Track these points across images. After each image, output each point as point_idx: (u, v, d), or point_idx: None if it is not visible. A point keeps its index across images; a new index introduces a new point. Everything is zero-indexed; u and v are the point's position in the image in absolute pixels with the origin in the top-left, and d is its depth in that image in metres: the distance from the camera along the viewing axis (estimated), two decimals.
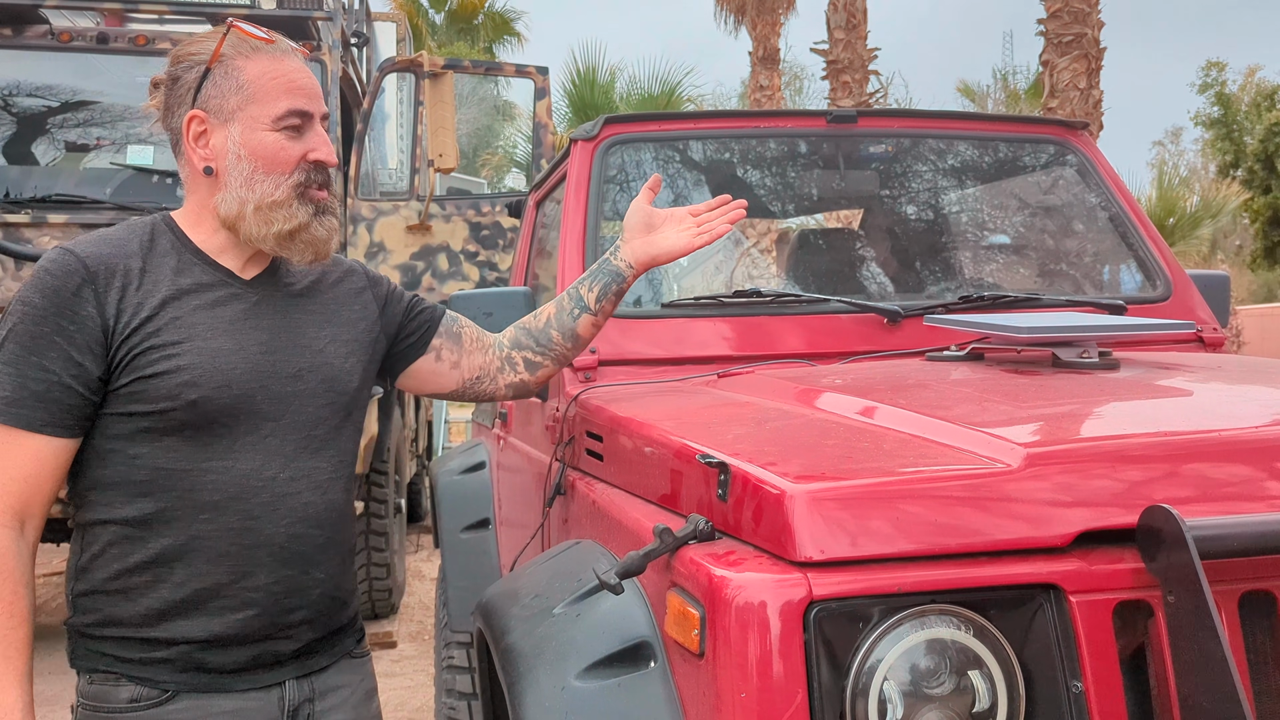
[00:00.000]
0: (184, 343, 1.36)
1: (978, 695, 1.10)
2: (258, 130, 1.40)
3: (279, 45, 1.44)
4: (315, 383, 1.46)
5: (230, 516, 1.38)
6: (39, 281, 1.35)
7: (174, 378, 1.34)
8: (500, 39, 24.04)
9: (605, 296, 1.74)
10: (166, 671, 1.37)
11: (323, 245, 1.44)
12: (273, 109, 1.40)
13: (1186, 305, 2.37)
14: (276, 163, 1.40)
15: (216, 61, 1.40)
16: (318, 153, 1.43)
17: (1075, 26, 7.58)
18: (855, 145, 2.64)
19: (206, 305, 1.40)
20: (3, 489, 1.31)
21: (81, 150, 4.89)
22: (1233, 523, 1.10)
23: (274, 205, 1.40)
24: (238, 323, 1.42)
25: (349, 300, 1.57)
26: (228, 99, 1.40)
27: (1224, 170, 23.53)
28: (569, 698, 1.28)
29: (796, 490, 1.15)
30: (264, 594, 1.40)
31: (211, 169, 1.41)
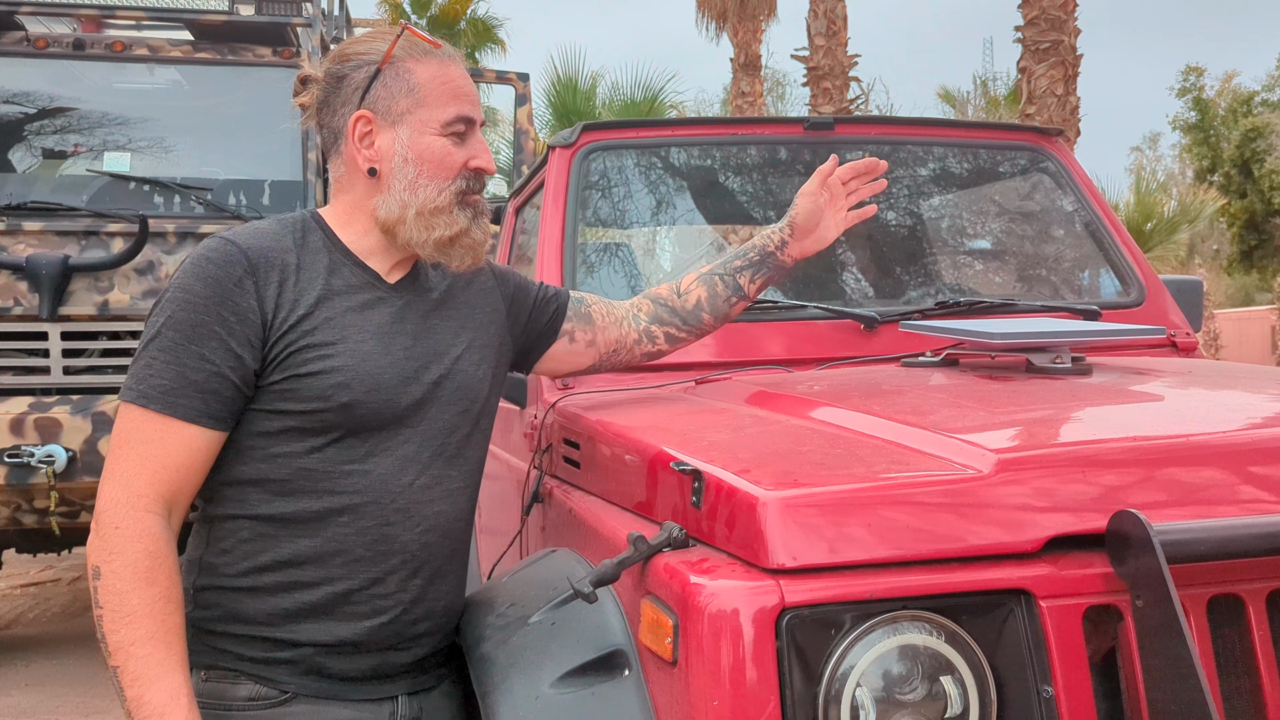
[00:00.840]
0: (338, 344, 1.37)
1: (949, 701, 1.11)
2: (426, 134, 1.40)
3: (445, 50, 1.45)
4: (451, 390, 1.46)
5: (367, 520, 1.38)
6: (200, 270, 1.33)
7: (327, 378, 1.34)
8: (483, 45, 24.01)
9: (766, 287, 1.85)
10: (287, 673, 1.36)
11: (480, 250, 1.46)
12: (443, 114, 1.40)
13: (1160, 310, 2.39)
14: (442, 168, 1.41)
15: (388, 63, 1.40)
16: (479, 160, 1.44)
17: (1052, 33, 7.64)
18: (832, 152, 2.65)
19: (357, 307, 1.41)
20: (156, 476, 1.30)
21: (58, 157, 4.85)
22: (1200, 527, 1.11)
23: (436, 211, 1.41)
24: (385, 327, 1.42)
25: (480, 303, 1.58)
26: (398, 101, 1.40)
27: (1201, 175, 23.75)
28: (543, 707, 1.28)
29: (769, 497, 1.16)
30: (394, 602, 1.40)
31: (376, 170, 1.41)
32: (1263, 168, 21.50)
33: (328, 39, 5.25)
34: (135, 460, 1.30)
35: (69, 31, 5.05)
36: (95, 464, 4.18)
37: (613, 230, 2.92)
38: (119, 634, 1.25)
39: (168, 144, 4.77)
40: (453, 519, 1.47)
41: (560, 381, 2.09)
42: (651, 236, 4.74)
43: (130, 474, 1.30)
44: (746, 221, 3.32)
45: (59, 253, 4.31)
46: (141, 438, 1.31)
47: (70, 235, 4.37)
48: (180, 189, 4.59)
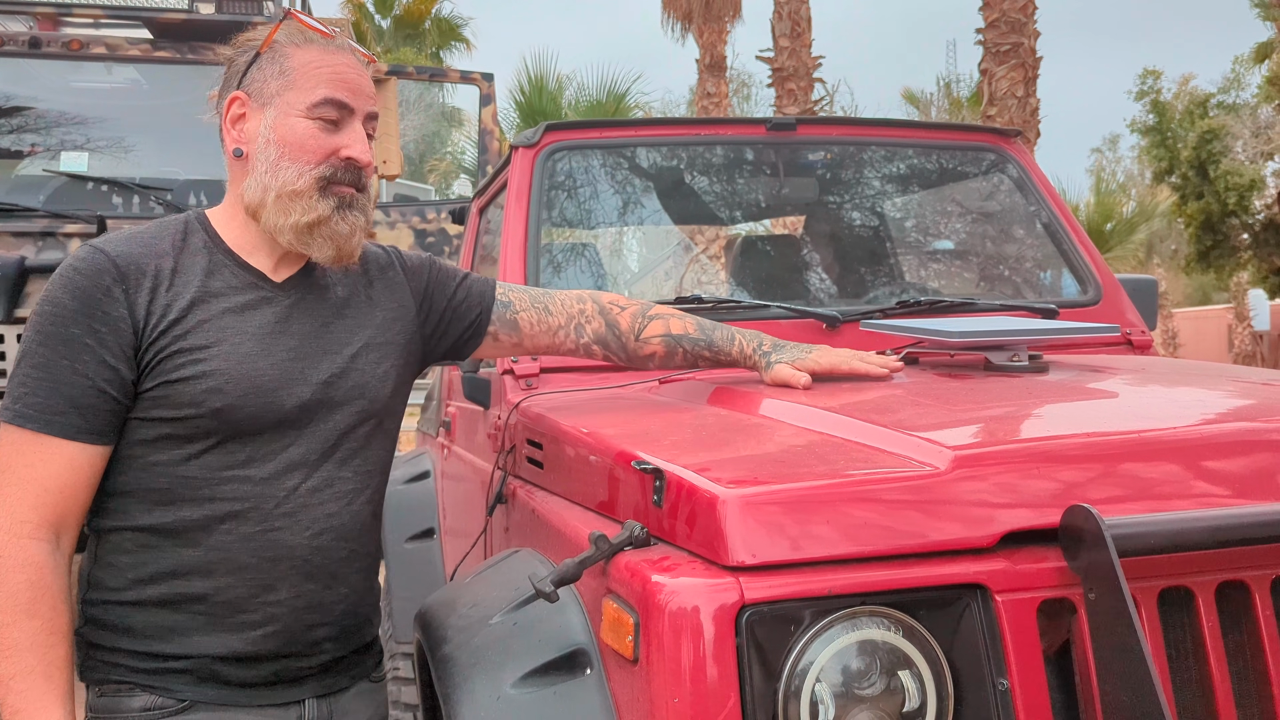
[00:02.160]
0: (211, 347, 1.32)
1: (908, 695, 1.12)
2: (290, 116, 1.36)
3: (335, 40, 1.41)
4: (345, 391, 1.41)
5: (250, 526, 1.33)
6: (67, 281, 1.30)
7: (200, 383, 1.30)
8: (447, 45, 23.94)
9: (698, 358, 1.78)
10: (183, 682, 1.32)
11: (345, 241, 1.39)
12: (309, 96, 1.36)
13: (1116, 309, 2.43)
14: (303, 151, 1.36)
15: (268, 47, 1.38)
16: (350, 150, 1.38)
17: (1012, 36, 7.73)
18: (795, 152, 2.67)
19: (236, 309, 1.36)
20: (39, 500, 1.27)
21: (14, 157, 4.77)
22: (1150, 521, 1.13)
23: (295, 195, 1.36)
24: (267, 328, 1.37)
25: (384, 300, 1.52)
26: (269, 83, 1.37)
27: (1159, 176, 24.13)
28: (505, 707, 1.28)
29: (728, 495, 1.17)
30: (285, 609, 1.35)
31: (241, 151, 1.38)
32: (1219, 169, 21.88)
33: None
34: (16, 484, 1.26)
35: (25, 29, 4.98)
36: None
37: (577, 230, 2.92)
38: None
39: (126, 144, 4.71)
40: (348, 521, 1.41)
41: (524, 382, 2.09)
42: (616, 236, 4.74)
43: (12, 499, 1.26)
44: (711, 221, 3.34)
45: (15, 254, 4.24)
46: (22, 460, 1.27)
47: (27, 236, 4.30)
48: (139, 189, 4.53)
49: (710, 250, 8.10)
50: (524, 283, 2.24)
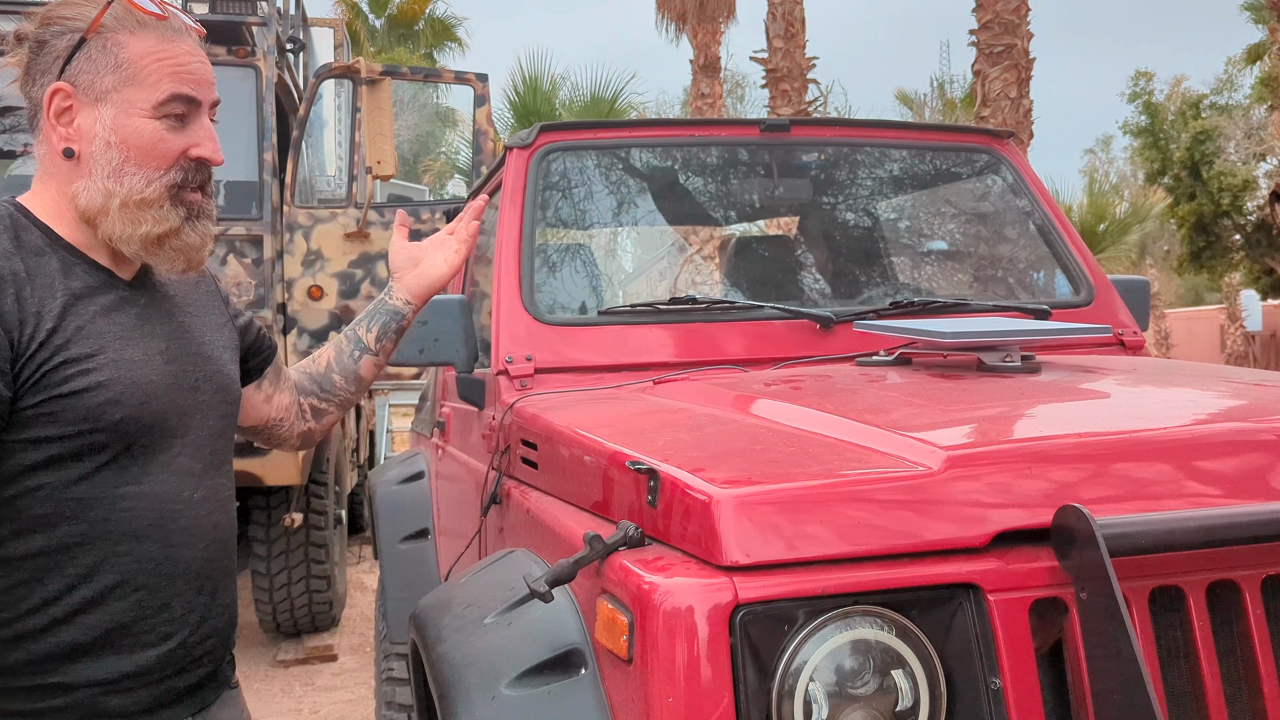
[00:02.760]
0: (98, 355, 1.21)
1: (900, 694, 1.12)
2: (134, 116, 1.23)
3: (171, 24, 1.26)
4: (211, 393, 1.34)
5: (150, 546, 1.24)
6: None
7: (94, 395, 1.19)
8: (441, 45, 23.92)
9: (385, 335, 1.62)
10: (61, 718, 1.21)
11: (195, 254, 1.29)
12: (154, 93, 1.23)
13: (1108, 309, 2.44)
14: (152, 155, 1.24)
15: (95, 32, 1.23)
16: (201, 149, 1.26)
17: (1005, 37, 7.75)
18: (789, 153, 2.68)
19: (104, 311, 1.25)
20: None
21: (8, 157, 4.77)
22: (1141, 521, 1.14)
23: (143, 204, 1.23)
24: (136, 330, 1.27)
25: (212, 301, 1.45)
26: (102, 76, 1.23)
27: (1151, 177, 24.19)
28: (500, 707, 1.28)
29: (722, 495, 1.17)
30: (180, 624, 1.28)
31: (72, 151, 1.24)
32: (1211, 170, 21.94)
33: (283, 37, 5.20)
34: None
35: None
36: None
37: (572, 231, 2.92)
38: None
39: None
40: (228, 529, 1.36)
41: (519, 383, 2.09)
42: (610, 237, 4.74)
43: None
44: (705, 222, 3.34)
45: None
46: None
47: None
48: None
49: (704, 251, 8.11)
50: (518, 281, 2.25)
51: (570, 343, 2.16)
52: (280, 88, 5.18)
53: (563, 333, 2.17)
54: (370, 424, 8.35)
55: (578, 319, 2.27)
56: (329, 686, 4.72)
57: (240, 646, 5.32)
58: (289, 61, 5.78)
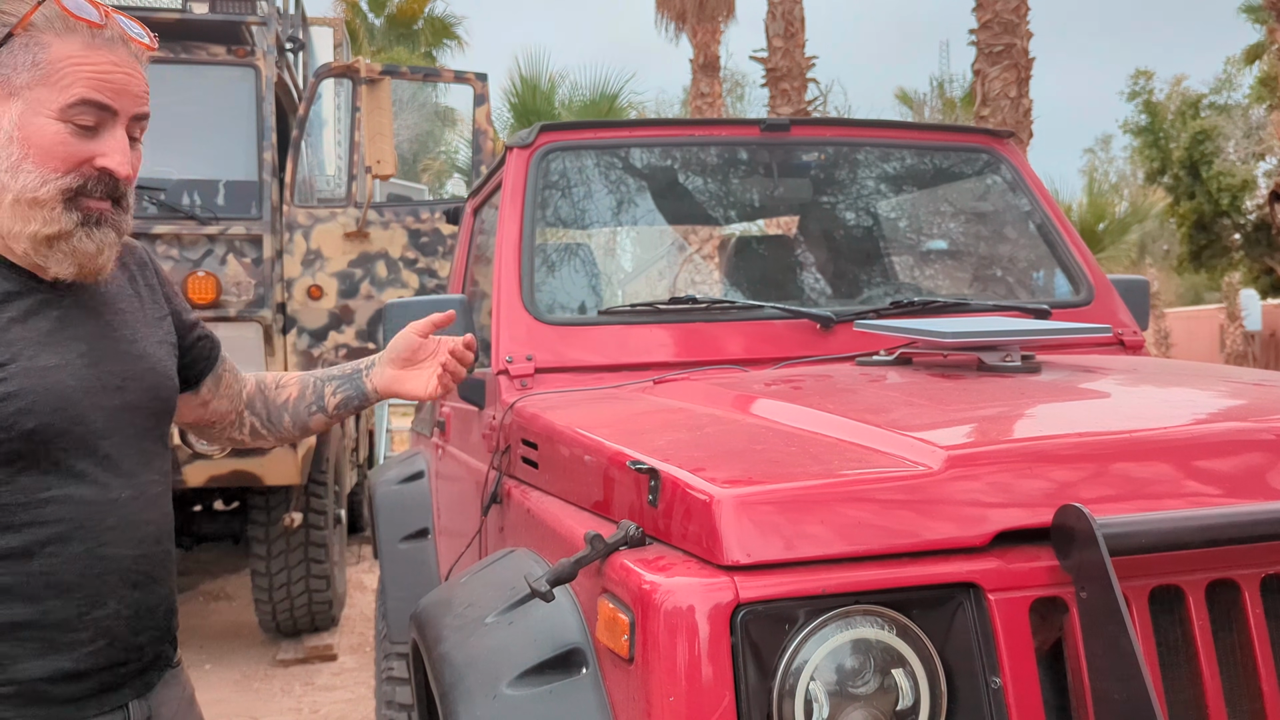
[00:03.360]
0: (9, 364, 1.20)
1: (901, 693, 1.13)
2: (40, 115, 1.21)
3: (105, 32, 1.24)
4: (139, 392, 1.33)
5: (78, 547, 1.24)
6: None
7: (5, 406, 1.18)
8: (440, 44, 23.91)
9: (345, 408, 1.64)
10: (9, 707, 1.22)
11: (90, 260, 1.26)
12: (64, 96, 1.21)
13: (1108, 309, 2.44)
14: (50, 156, 1.22)
15: (23, 30, 1.21)
16: (107, 159, 1.24)
17: (1005, 37, 7.75)
18: (789, 153, 2.68)
19: (20, 317, 1.24)
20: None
21: None
22: (1141, 520, 1.14)
23: (34, 203, 1.22)
24: (55, 334, 1.26)
25: (148, 298, 1.43)
26: (19, 73, 1.21)
27: (1151, 177, 24.18)
28: (501, 706, 1.28)
29: (723, 495, 1.17)
30: (114, 621, 1.28)
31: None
32: (1211, 169, 21.95)
33: (283, 37, 5.20)
34: None
35: None
36: None
37: (572, 231, 2.92)
38: None
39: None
40: (161, 523, 1.36)
41: (519, 382, 2.09)
42: (611, 237, 4.73)
43: None
44: (705, 222, 3.35)
45: None
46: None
47: None
48: (140, 188, 4.52)
49: (704, 251, 8.11)
50: (518, 281, 2.25)
51: (570, 343, 2.17)
52: (280, 87, 5.18)
53: (563, 332, 2.17)
54: (370, 424, 8.35)
55: (578, 319, 2.28)
56: (329, 686, 4.72)
57: (240, 646, 5.32)
58: (289, 61, 5.78)
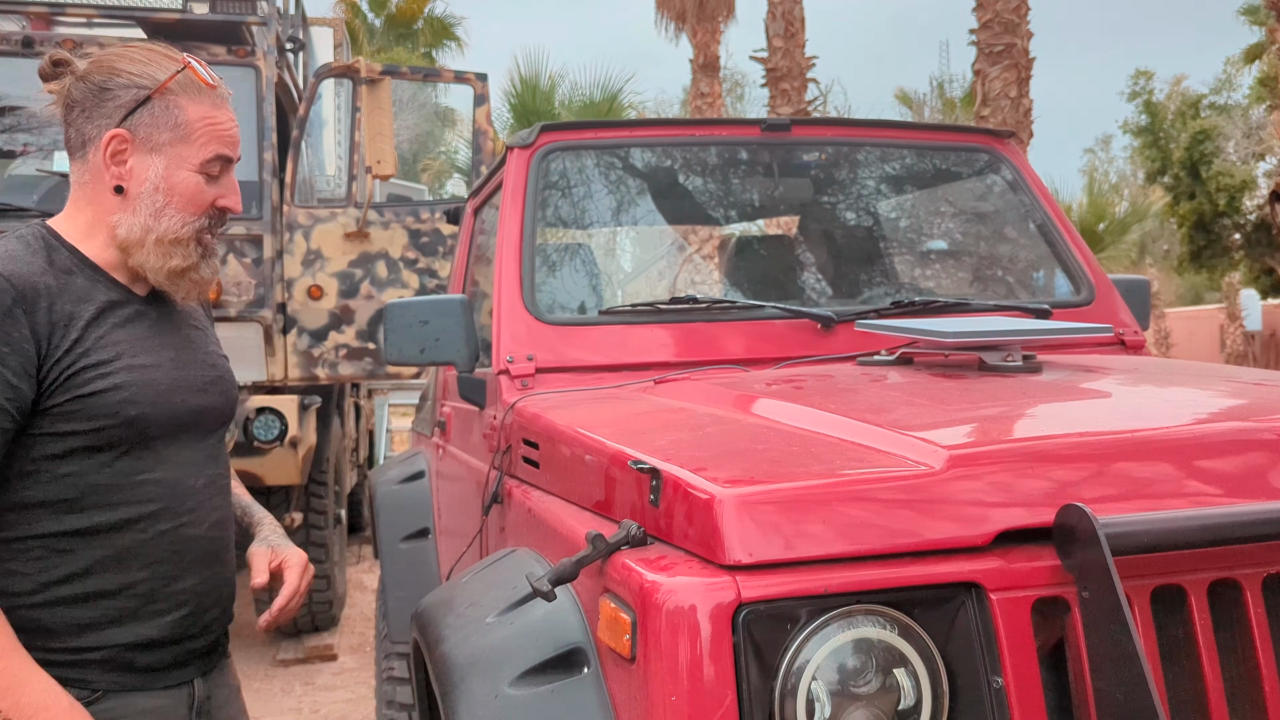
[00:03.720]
0: (115, 361, 1.40)
1: (903, 693, 1.13)
2: (183, 169, 1.45)
3: (220, 91, 1.50)
4: (215, 395, 1.54)
5: (163, 524, 1.44)
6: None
7: (113, 395, 1.38)
8: (440, 44, 23.91)
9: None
10: (96, 672, 1.40)
11: (205, 286, 1.52)
12: (202, 152, 1.45)
13: (1109, 309, 2.44)
14: (191, 203, 1.46)
15: (161, 93, 1.44)
16: (226, 200, 1.49)
17: (1005, 37, 7.75)
18: (789, 153, 2.68)
19: (122, 323, 1.44)
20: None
21: (7, 157, 4.76)
22: (1143, 520, 1.14)
23: (175, 242, 1.45)
24: (149, 340, 1.47)
25: (205, 317, 1.65)
26: (161, 131, 1.44)
27: (1151, 177, 24.18)
28: (502, 705, 1.28)
29: (725, 494, 1.17)
30: (190, 594, 1.47)
31: (122, 189, 1.44)
32: (1210, 169, 21.94)
33: (283, 37, 5.20)
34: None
35: (18, 29, 4.96)
36: None
37: (572, 231, 2.92)
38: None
39: None
40: (228, 511, 1.56)
41: (520, 382, 2.09)
42: (611, 237, 4.74)
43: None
44: (706, 222, 3.35)
45: None
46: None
47: None
48: None
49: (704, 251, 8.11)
50: (519, 281, 2.25)
51: (571, 342, 2.16)
52: (280, 87, 5.18)
53: (564, 332, 2.17)
54: (370, 424, 8.35)
55: (579, 319, 2.27)
56: (329, 686, 4.72)
57: (240, 646, 5.32)
58: (289, 61, 5.78)
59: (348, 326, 5.00)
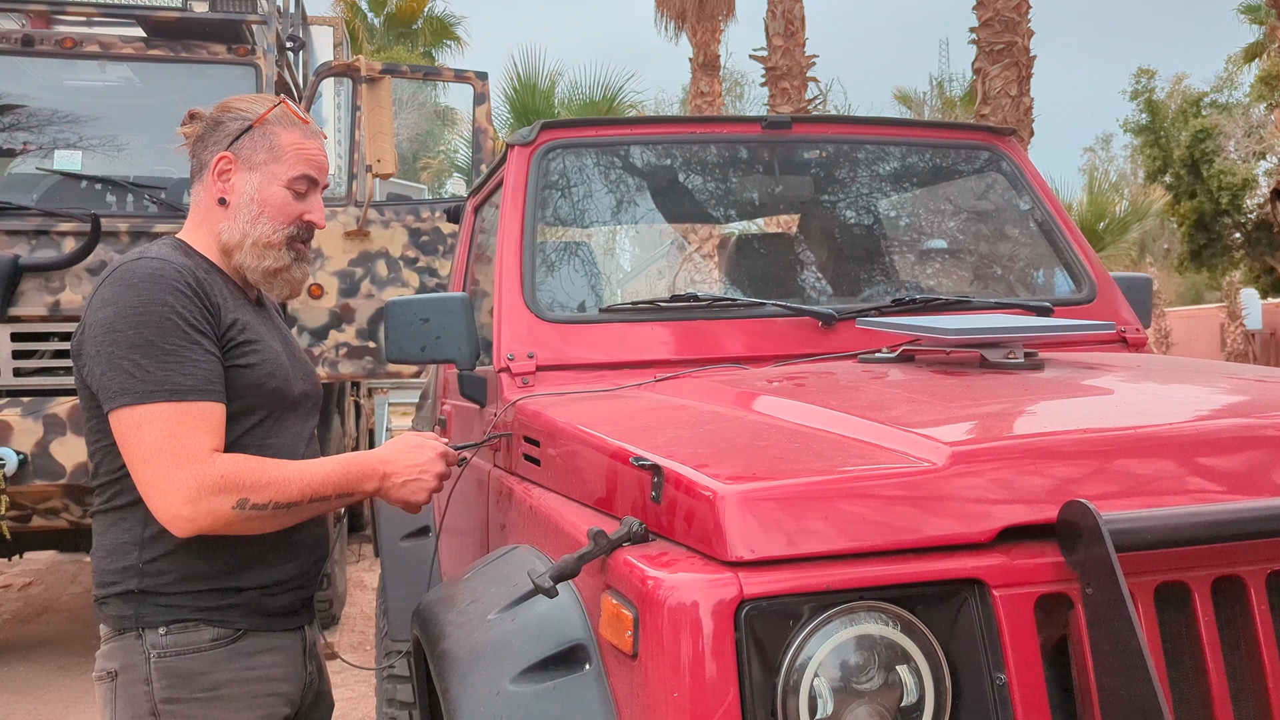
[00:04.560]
0: (257, 342, 1.68)
1: (905, 689, 1.12)
2: (274, 184, 1.71)
3: (312, 127, 1.77)
4: (311, 383, 1.82)
5: None
6: (162, 285, 1.56)
7: (258, 369, 1.65)
8: (440, 43, 23.90)
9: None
10: (238, 614, 1.64)
11: (297, 285, 1.78)
12: (291, 171, 1.72)
13: (1111, 307, 2.43)
14: (279, 213, 1.72)
15: (261, 123, 1.72)
16: (311, 215, 1.76)
17: (1006, 35, 7.74)
18: (790, 151, 2.68)
19: (250, 313, 1.72)
20: (215, 444, 1.57)
21: (7, 155, 4.76)
22: (1147, 516, 1.13)
23: (268, 245, 1.71)
24: (266, 330, 1.74)
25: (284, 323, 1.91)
26: (258, 153, 1.71)
27: (1152, 176, 24.17)
28: (504, 702, 1.28)
29: (727, 491, 1.17)
30: (304, 546, 1.73)
31: (225, 201, 1.72)
32: (1211, 168, 21.93)
33: (283, 36, 5.20)
34: (192, 441, 1.58)
35: (18, 28, 4.96)
36: (48, 467, 4.10)
37: (572, 229, 2.92)
38: (300, 485, 1.59)
39: (120, 142, 4.69)
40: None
41: (521, 380, 2.09)
42: (612, 235, 4.73)
43: (196, 450, 1.56)
44: (707, 220, 3.34)
45: (9, 253, 4.22)
46: (188, 427, 1.57)
47: (20, 235, 4.28)
48: (133, 188, 4.52)
49: (704, 249, 8.10)
50: (520, 279, 2.24)
51: (572, 340, 2.16)
52: (280, 86, 5.18)
53: (564, 330, 2.17)
54: (370, 423, 8.34)
55: (579, 317, 2.27)
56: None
57: None
58: (289, 60, 5.78)
59: (348, 325, 5.00)
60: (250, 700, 1.62)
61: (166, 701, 1.57)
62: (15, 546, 4.97)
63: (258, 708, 1.63)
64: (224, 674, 1.60)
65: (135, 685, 1.57)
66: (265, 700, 1.64)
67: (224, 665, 1.61)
